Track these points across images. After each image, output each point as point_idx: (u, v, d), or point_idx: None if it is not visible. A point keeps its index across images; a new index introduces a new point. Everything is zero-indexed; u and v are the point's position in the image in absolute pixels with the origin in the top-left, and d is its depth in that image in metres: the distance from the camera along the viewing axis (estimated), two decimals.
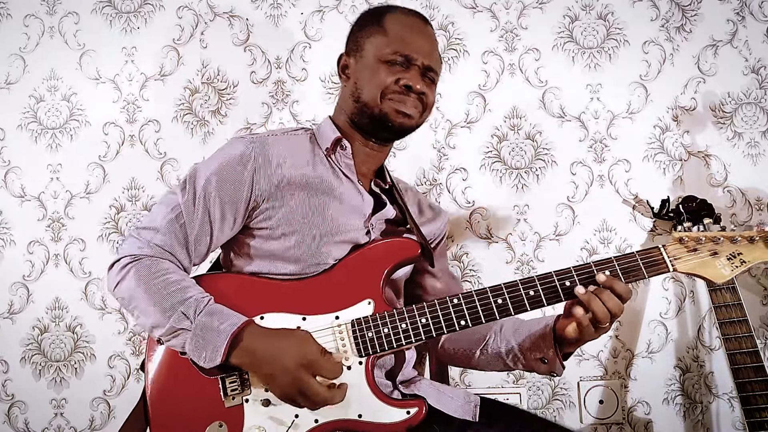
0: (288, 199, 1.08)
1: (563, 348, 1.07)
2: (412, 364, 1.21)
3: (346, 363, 1.00)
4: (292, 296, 1.05)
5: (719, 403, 1.62)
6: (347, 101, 1.17)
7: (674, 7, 1.71)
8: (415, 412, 0.98)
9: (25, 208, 1.78)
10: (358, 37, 1.17)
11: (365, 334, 1.01)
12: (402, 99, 1.11)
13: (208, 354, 0.95)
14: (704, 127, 1.68)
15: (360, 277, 1.06)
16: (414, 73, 1.12)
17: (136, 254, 1.04)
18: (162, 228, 1.05)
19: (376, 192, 1.21)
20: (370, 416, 0.98)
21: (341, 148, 1.15)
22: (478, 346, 1.19)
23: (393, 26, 1.14)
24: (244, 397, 0.99)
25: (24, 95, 1.81)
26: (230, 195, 1.07)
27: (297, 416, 0.98)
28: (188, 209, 1.06)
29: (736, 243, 1.00)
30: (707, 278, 1.00)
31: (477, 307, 1.00)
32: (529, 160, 1.71)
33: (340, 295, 1.04)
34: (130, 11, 1.81)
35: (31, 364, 1.74)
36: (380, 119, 1.11)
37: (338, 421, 0.98)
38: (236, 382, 0.99)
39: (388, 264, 1.07)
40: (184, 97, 1.78)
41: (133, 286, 1.01)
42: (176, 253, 1.06)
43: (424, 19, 1.19)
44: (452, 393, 1.11)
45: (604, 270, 0.98)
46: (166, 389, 1.02)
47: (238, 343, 0.95)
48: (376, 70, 1.11)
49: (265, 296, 1.05)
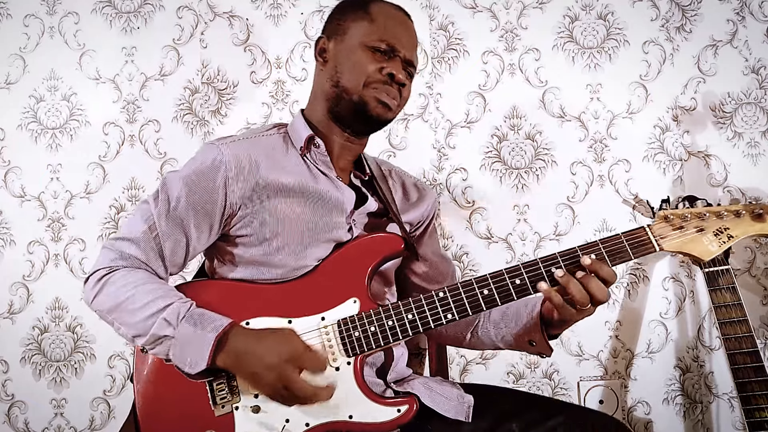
0: (265, 203, 1.06)
1: (550, 330, 1.07)
2: (404, 361, 1.20)
3: (333, 364, 0.99)
4: (277, 300, 1.03)
5: (719, 403, 1.62)
6: (324, 86, 1.13)
7: (674, 7, 1.71)
8: (405, 409, 0.97)
9: (25, 208, 1.78)
10: (341, 21, 1.14)
11: (352, 334, 1.00)
12: (385, 89, 1.08)
13: (193, 359, 0.94)
14: (704, 127, 1.68)
15: (344, 276, 1.05)
16: (397, 63, 1.10)
17: (111, 266, 1.03)
18: (136, 239, 1.04)
19: (356, 185, 1.18)
20: (361, 416, 0.97)
21: (315, 146, 1.12)
22: (467, 330, 1.20)
23: (379, 15, 1.12)
24: (233, 405, 0.98)
25: (24, 95, 1.81)
26: (204, 203, 1.05)
27: (287, 421, 0.97)
28: (161, 220, 1.04)
29: (723, 218, 0.98)
30: (695, 255, 0.98)
31: (463, 300, 0.99)
32: (529, 160, 1.71)
33: (325, 296, 1.03)
34: (130, 11, 1.81)
35: (31, 364, 1.74)
36: (359, 106, 1.09)
37: (329, 423, 0.97)
38: (225, 389, 0.98)
39: (372, 261, 1.06)
40: (184, 97, 1.78)
41: (110, 297, 1.00)
42: (151, 263, 1.05)
43: (408, 15, 1.17)
44: (446, 393, 1.10)
45: (590, 254, 0.97)
46: (156, 401, 1.01)
47: (223, 345, 0.95)
48: (359, 55, 1.08)
49: (249, 301, 1.04)
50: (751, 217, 0.98)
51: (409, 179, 1.32)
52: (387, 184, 1.25)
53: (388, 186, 1.24)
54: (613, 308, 1.66)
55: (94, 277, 1.03)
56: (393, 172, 1.31)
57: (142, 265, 1.04)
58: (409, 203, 1.27)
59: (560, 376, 1.66)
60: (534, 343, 1.08)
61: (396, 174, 1.31)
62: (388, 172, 1.29)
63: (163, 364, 1.00)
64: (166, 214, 1.05)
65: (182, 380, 0.97)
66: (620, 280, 1.66)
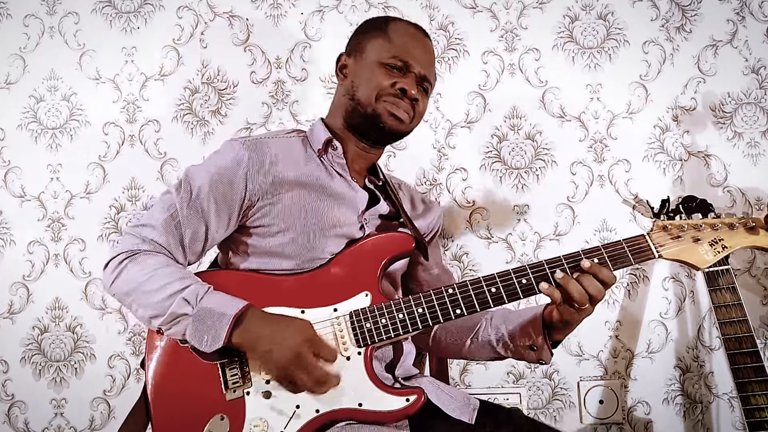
0: (283, 196, 1.10)
1: (552, 335, 1.10)
2: (412, 358, 1.22)
3: (344, 353, 1.01)
4: (291, 290, 1.06)
5: (719, 403, 1.62)
6: (342, 99, 1.19)
7: (674, 7, 1.71)
8: (414, 399, 0.99)
9: (25, 208, 1.78)
10: (361, 40, 1.21)
11: (363, 325, 1.03)
12: (396, 102, 1.14)
13: (210, 337, 0.96)
14: (704, 127, 1.68)
15: (357, 270, 1.08)
16: (410, 79, 1.15)
17: (132, 249, 1.05)
18: (158, 226, 1.07)
19: (369, 188, 1.23)
20: (370, 405, 0.99)
21: (332, 149, 1.18)
22: (468, 335, 1.22)
23: (396, 33, 1.18)
24: (245, 390, 1.00)
25: (24, 95, 1.81)
26: (225, 195, 1.09)
27: (298, 407, 0.99)
28: (183, 208, 1.08)
29: (717, 230, 1.04)
30: (691, 264, 1.04)
31: (471, 296, 1.03)
32: (529, 160, 1.71)
33: (338, 288, 1.06)
34: (130, 11, 1.81)
35: (31, 364, 1.74)
36: (372, 119, 1.14)
37: (339, 410, 0.99)
38: (237, 374, 1.00)
39: (384, 257, 1.09)
40: (184, 97, 1.78)
41: (130, 279, 1.02)
42: (172, 250, 1.08)
43: (425, 33, 1.23)
44: (452, 393, 1.12)
45: (593, 258, 1.02)
46: (167, 384, 1.03)
47: (240, 324, 0.97)
48: (374, 71, 1.15)
49: (263, 291, 1.06)
50: (745, 229, 1.04)
51: (417, 194, 1.39)
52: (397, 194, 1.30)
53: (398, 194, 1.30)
54: (613, 308, 1.66)
55: (115, 260, 1.05)
56: (402, 185, 1.38)
57: (163, 250, 1.07)
58: (417, 214, 1.33)
59: (560, 376, 1.66)
60: (535, 347, 1.10)
61: (405, 187, 1.38)
62: (398, 186, 1.35)
63: (174, 348, 1.02)
64: (188, 203, 1.08)
65: (193, 365, 0.99)
66: (620, 280, 1.66)
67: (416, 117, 1.20)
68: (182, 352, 1.01)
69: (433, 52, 1.24)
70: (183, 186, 1.10)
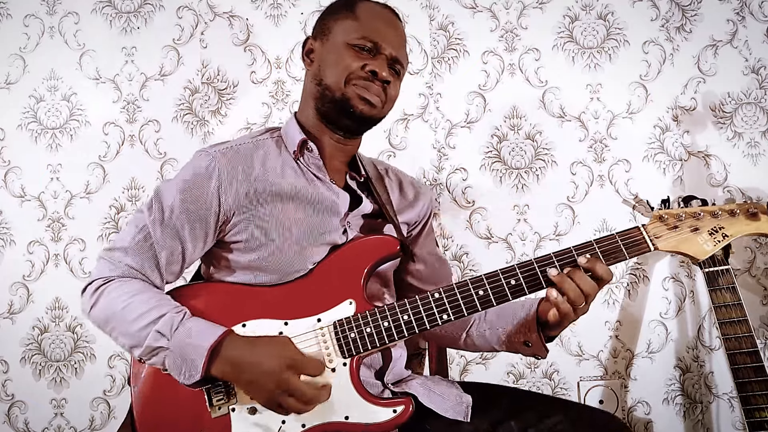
0: (259, 209, 1.06)
1: (546, 331, 1.06)
2: (403, 362, 1.19)
3: (329, 365, 0.99)
4: (273, 302, 1.03)
5: (719, 403, 1.62)
6: (310, 86, 1.13)
7: (674, 7, 1.71)
8: (401, 410, 0.97)
9: (25, 208, 1.78)
10: (327, 21, 1.14)
11: (348, 335, 1.00)
12: (366, 85, 1.07)
13: (186, 371, 0.94)
14: (704, 127, 1.68)
15: (340, 278, 1.05)
16: (381, 61, 1.09)
17: (106, 276, 1.03)
18: (131, 249, 1.04)
19: (351, 187, 1.17)
20: (357, 417, 0.97)
21: (308, 150, 1.12)
22: (463, 329, 1.20)
23: (365, 13, 1.11)
24: (230, 407, 0.98)
25: (24, 95, 1.81)
26: (198, 211, 1.04)
27: (284, 422, 0.97)
28: (155, 229, 1.04)
29: (717, 217, 0.98)
30: (690, 255, 0.98)
31: (459, 301, 0.99)
32: (529, 160, 1.71)
33: (321, 298, 1.03)
34: (130, 11, 1.81)
35: (31, 364, 1.74)
36: (342, 104, 1.08)
37: (325, 424, 0.97)
38: (222, 392, 0.98)
39: (367, 263, 1.05)
40: (184, 97, 1.78)
41: (106, 308, 1.00)
42: (147, 273, 1.04)
43: (396, 14, 1.17)
44: (444, 393, 1.10)
45: (585, 254, 0.97)
46: (152, 402, 1.01)
47: (217, 354, 0.94)
48: (342, 53, 1.08)
49: (246, 303, 1.03)
50: (746, 216, 0.98)
51: (406, 178, 1.32)
52: (383, 184, 1.24)
53: (384, 186, 1.24)
54: (613, 308, 1.66)
55: (90, 287, 1.03)
56: (389, 170, 1.30)
57: (138, 275, 1.04)
58: (406, 202, 1.26)
59: (560, 376, 1.66)
60: (530, 343, 1.07)
61: (392, 172, 1.31)
62: (385, 171, 1.28)
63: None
64: (160, 223, 1.04)
65: (178, 383, 0.97)
66: (620, 280, 1.66)
67: (388, 101, 1.12)
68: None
69: (404, 33, 1.17)
70: (154, 205, 1.05)
